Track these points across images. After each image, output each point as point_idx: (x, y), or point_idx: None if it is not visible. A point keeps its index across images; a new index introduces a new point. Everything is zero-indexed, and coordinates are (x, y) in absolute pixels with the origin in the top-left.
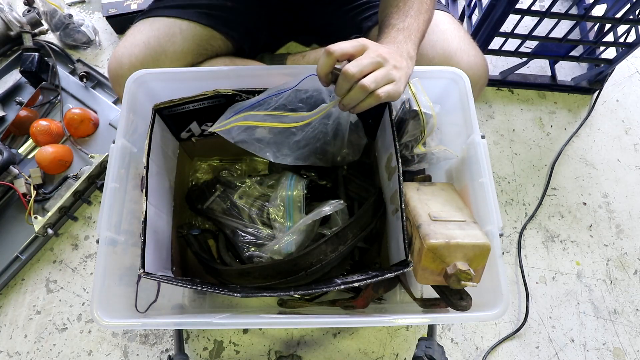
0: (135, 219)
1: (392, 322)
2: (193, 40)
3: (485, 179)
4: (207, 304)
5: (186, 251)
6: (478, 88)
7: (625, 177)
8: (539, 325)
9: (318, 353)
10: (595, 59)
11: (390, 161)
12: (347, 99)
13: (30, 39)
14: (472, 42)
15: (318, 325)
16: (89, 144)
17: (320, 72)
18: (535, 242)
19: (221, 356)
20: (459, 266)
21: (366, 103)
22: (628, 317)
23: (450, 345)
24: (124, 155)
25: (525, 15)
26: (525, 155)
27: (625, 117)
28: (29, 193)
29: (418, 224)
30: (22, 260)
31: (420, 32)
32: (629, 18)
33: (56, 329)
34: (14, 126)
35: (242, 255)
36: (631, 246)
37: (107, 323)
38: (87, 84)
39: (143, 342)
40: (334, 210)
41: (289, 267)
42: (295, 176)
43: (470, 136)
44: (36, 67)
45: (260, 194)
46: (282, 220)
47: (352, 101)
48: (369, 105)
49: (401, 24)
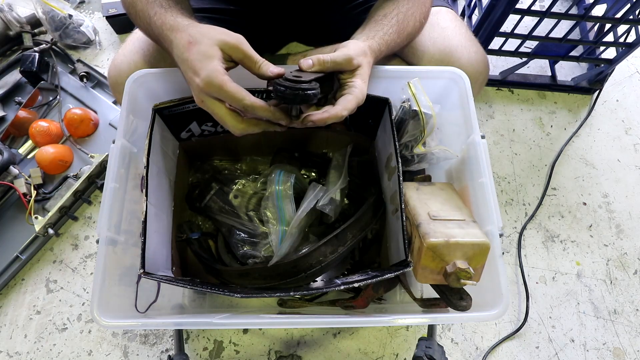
0: (135, 219)
1: (392, 322)
2: None
3: (485, 179)
4: (207, 304)
5: (186, 251)
6: (478, 85)
7: (625, 177)
8: (539, 325)
9: (318, 353)
10: (595, 59)
11: (390, 161)
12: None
13: (30, 39)
14: (474, 39)
15: (318, 325)
16: (89, 144)
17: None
18: (535, 242)
19: (221, 356)
20: (458, 265)
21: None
22: (628, 317)
23: (450, 345)
24: (124, 155)
25: (525, 15)
26: (525, 155)
27: (625, 117)
28: (29, 193)
29: (417, 223)
30: (22, 260)
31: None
32: (629, 18)
33: (56, 329)
34: (13, 127)
35: (237, 254)
36: (631, 246)
37: (107, 323)
38: (87, 84)
39: (143, 342)
40: (316, 199)
41: (288, 269)
42: (283, 172)
43: (470, 136)
44: (36, 67)
45: (254, 192)
46: (274, 221)
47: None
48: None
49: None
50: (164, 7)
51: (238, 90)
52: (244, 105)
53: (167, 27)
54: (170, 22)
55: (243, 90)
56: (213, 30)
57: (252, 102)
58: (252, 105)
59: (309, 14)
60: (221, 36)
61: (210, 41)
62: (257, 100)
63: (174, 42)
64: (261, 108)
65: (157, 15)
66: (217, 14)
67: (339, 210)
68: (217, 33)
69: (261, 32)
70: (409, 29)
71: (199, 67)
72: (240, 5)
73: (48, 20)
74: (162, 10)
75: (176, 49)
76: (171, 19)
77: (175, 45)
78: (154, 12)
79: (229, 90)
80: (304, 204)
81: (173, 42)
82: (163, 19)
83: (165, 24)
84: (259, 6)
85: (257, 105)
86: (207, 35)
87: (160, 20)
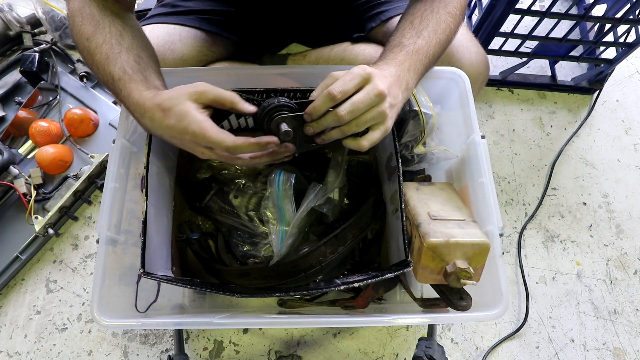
0: (135, 219)
1: (392, 322)
2: (193, 47)
3: (485, 178)
4: (207, 304)
5: (186, 251)
6: (478, 85)
7: (625, 177)
8: (539, 325)
9: (318, 353)
10: (595, 59)
11: (390, 161)
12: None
13: (30, 39)
14: (474, 39)
15: (318, 325)
16: (89, 144)
17: (314, 112)
18: (535, 242)
19: (221, 356)
20: (458, 264)
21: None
22: (628, 317)
23: (450, 345)
24: (124, 155)
25: (525, 15)
26: (525, 155)
27: (625, 117)
28: (29, 193)
29: (417, 223)
30: (22, 260)
31: (430, 57)
32: (629, 18)
33: (56, 329)
34: (13, 127)
35: (237, 253)
36: (631, 246)
37: (107, 323)
38: (87, 84)
39: (143, 342)
40: (316, 197)
41: (288, 269)
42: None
43: (470, 136)
44: (36, 67)
45: (254, 192)
46: (274, 221)
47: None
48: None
49: (411, 46)
50: (128, 74)
51: (217, 134)
52: (225, 148)
53: (134, 101)
54: (135, 97)
55: (224, 132)
56: (177, 89)
57: (233, 142)
58: (234, 145)
59: (309, 14)
60: (187, 89)
61: (179, 99)
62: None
63: (146, 116)
64: (243, 144)
65: (121, 81)
66: (217, 16)
67: (337, 210)
68: (183, 89)
69: (261, 33)
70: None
71: (182, 126)
72: (240, 6)
73: (48, 20)
74: (126, 78)
75: (152, 123)
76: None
77: (150, 119)
78: (118, 77)
79: (210, 137)
80: (304, 204)
81: (145, 115)
82: (129, 90)
83: (131, 96)
84: (259, 7)
85: (238, 144)
86: (174, 97)
87: (126, 90)
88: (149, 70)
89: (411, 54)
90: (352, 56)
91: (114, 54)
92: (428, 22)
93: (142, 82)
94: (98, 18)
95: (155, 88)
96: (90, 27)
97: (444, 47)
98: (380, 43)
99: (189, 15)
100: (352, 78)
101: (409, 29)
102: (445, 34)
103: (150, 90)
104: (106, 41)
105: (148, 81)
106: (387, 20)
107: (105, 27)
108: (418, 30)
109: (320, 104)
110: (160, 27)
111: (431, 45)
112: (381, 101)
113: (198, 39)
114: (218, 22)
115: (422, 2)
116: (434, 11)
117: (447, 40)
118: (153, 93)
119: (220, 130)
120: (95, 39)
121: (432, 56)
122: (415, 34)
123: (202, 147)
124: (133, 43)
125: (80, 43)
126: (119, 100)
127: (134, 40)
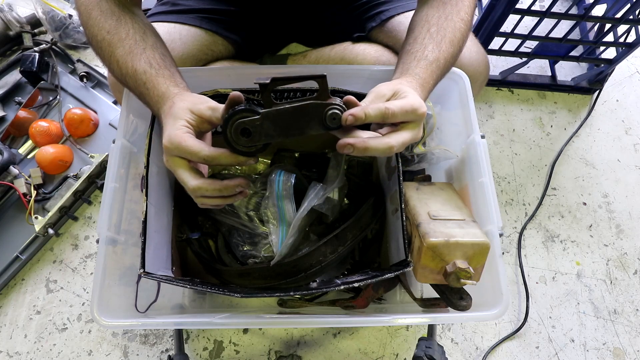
0: (135, 219)
1: (392, 322)
2: (193, 46)
3: (485, 178)
4: (207, 304)
5: (186, 251)
6: (479, 85)
7: (625, 177)
8: (539, 325)
9: (318, 353)
10: (595, 59)
11: (390, 161)
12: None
13: (30, 39)
14: (474, 39)
15: (318, 325)
16: (89, 144)
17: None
18: (535, 242)
19: (221, 356)
20: (458, 264)
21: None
22: (628, 317)
23: (450, 345)
24: (124, 155)
25: (525, 15)
26: (525, 155)
27: (625, 117)
28: (29, 193)
29: (417, 223)
30: (22, 260)
31: (447, 68)
32: (629, 18)
33: (56, 329)
34: (13, 127)
35: (237, 253)
36: (631, 246)
37: (107, 323)
38: (87, 84)
39: (143, 342)
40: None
41: (288, 269)
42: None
43: (470, 136)
44: (36, 67)
45: (254, 192)
46: (274, 221)
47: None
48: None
49: (435, 62)
50: (155, 68)
51: (195, 144)
52: (203, 157)
53: (160, 93)
54: (162, 90)
55: (202, 144)
56: (192, 96)
57: (210, 152)
58: (212, 155)
59: (309, 14)
60: (192, 98)
61: (183, 104)
62: (215, 150)
63: (163, 109)
64: (222, 155)
65: (146, 74)
66: (218, 15)
67: (337, 210)
68: (193, 97)
69: (261, 32)
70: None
71: (166, 129)
72: (240, 6)
73: (48, 20)
74: (152, 72)
75: (164, 117)
76: (164, 87)
77: (163, 112)
78: (143, 70)
79: (186, 146)
80: (305, 204)
81: (163, 108)
82: (155, 83)
83: (157, 88)
84: (260, 7)
85: (216, 154)
86: (184, 100)
87: (152, 83)
88: (173, 69)
89: (436, 69)
90: (352, 56)
91: (138, 48)
92: (445, 32)
93: (170, 78)
94: (119, 14)
95: (181, 87)
96: (112, 21)
97: (458, 56)
98: (380, 43)
99: (189, 14)
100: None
101: (429, 40)
102: (460, 44)
103: (177, 87)
104: (129, 36)
105: (174, 78)
106: (387, 19)
107: (128, 22)
108: (437, 41)
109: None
110: (160, 25)
111: (448, 57)
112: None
113: (198, 38)
114: (218, 21)
115: (435, 8)
116: (449, 18)
117: (461, 49)
118: (177, 90)
119: (199, 142)
120: (118, 33)
121: (449, 68)
122: (436, 46)
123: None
124: (157, 42)
125: (99, 35)
126: (136, 92)
127: (157, 39)
